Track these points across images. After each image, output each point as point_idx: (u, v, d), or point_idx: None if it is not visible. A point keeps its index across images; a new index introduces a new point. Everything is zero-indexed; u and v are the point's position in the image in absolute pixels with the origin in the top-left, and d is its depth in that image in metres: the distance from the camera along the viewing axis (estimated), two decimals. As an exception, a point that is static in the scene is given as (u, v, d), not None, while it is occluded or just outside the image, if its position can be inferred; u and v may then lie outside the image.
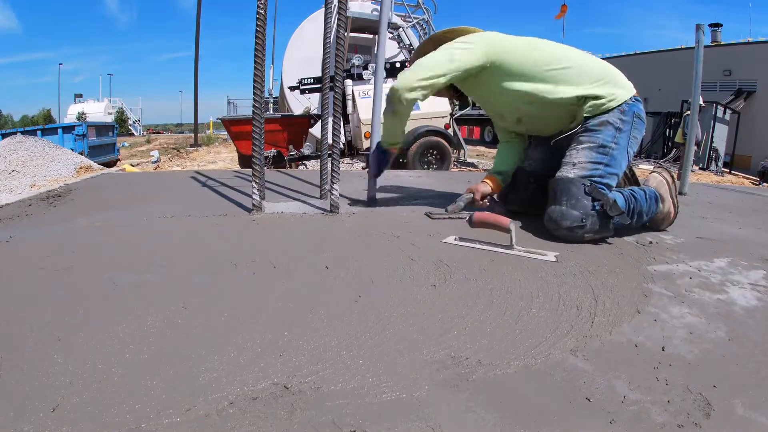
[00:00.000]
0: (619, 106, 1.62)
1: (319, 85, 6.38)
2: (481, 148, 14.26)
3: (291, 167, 5.92)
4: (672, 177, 1.71)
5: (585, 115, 1.62)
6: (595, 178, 1.52)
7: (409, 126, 6.25)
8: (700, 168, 10.70)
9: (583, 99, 1.62)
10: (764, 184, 9.57)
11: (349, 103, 6.26)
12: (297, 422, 0.62)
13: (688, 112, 9.89)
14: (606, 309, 1.00)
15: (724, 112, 11.74)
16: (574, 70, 1.65)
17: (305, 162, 6.61)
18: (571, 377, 0.74)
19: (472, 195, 1.85)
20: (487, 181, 1.89)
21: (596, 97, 1.61)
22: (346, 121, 6.33)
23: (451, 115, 6.81)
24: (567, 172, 1.55)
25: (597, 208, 1.47)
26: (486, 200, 1.87)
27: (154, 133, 30.97)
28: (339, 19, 1.81)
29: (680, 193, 2.59)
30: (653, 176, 1.71)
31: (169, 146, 15.41)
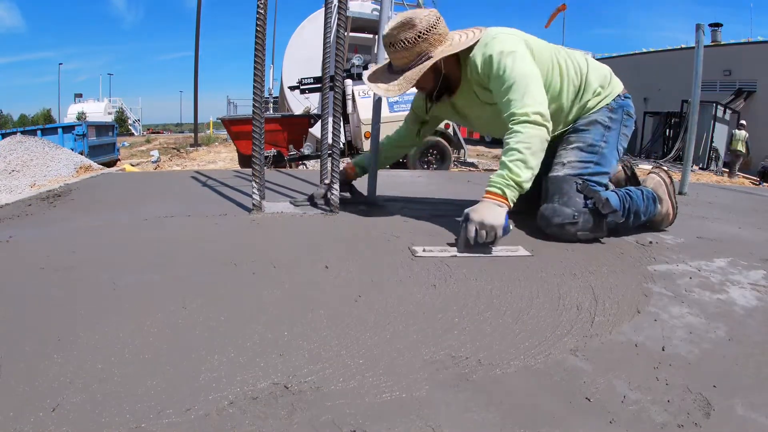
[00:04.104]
0: (607, 105, 1.61)
1: (319, 85, 6.38)
2: (481, 148, 14.27)
3: (291, 167, 5.92)
4: (670, 177, 1.71)
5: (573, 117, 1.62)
6: (585, 176, 1.52)
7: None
8: (700, 168, 10.70)
9: (579, 103, 1.61)
10: (764, 184, 9.58)
11: (349, 103, 6.26)
12: (297, 422, 0.62)
13: (739, 131, 9.83)
14: (606, 309, 1.00)
15: (724, 112, 11.75)
16: (572, 71, 1.62)
17: (305, 162, 6.61)
18: (571, 377, 0.74)
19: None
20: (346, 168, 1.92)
21: (588, 100, 1.61)
22: (346, 120, 6.33)
23: None
24: (558, 171, 1.56)
25: (589, 205, 1.47)
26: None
27: (153, 133, 30.97)
28: (339, 19, 1.81)
29: (680, 193, 2.59)
30: (651, 177, 1.71)
31: (169, 146, 15.41)
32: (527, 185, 1.38)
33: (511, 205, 1.37)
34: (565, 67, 1.60)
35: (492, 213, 1.31)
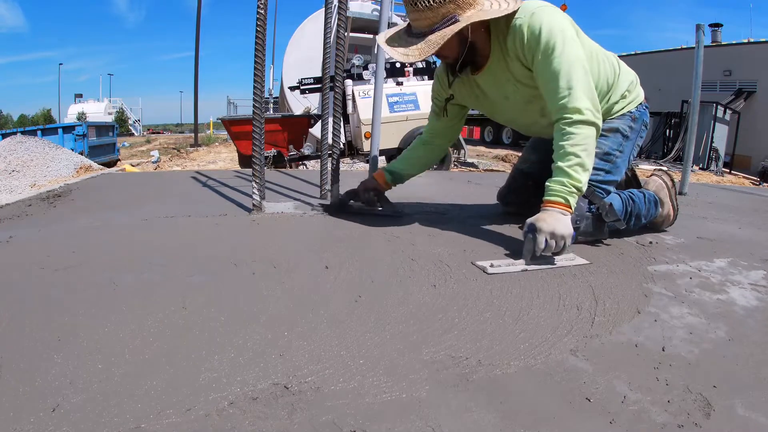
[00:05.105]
0: (630, 112, 1.57)
1: (319, 85, 6.38)
2: (482, 148, 14.27)
3: (291, 167, 5.92)
4: (672, 180, 1.71)
5: None
6: (594, 183, 1.50)
7: (409, 126, 6.29)
8: (700, 168, 10.70)
9: (607, 103, 1.54)
10: (764, 184, 9.58)
11: (349, 103, 6.26)
12: (297, 422, 0.62)
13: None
14: (606, 309, 1.00)
15: (724, 112, 11.74)
16: (608, 67, 1.53)
17: (305, 162, 6.61)
18: (571, 377, 0.74)
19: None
20: (375, 176, 1.81)
21: (615, 102, 1.56)
22: (346, 121, 6.33)
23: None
24: None
25: (593, 210, 1.46)
26: (371, 194, 1.78)
27: (154, 133, 31.01)
28: (339, 19, 1.81)
29: (680, 194, 2.59)
30: (653, 179, 1.70)
31: (169, 146, 15.42)
32: (585, 187, 1.34)
33: (573, 211, 1.33)
34: (603, 61, 1.52)
35: (561, 223, 1.27)
